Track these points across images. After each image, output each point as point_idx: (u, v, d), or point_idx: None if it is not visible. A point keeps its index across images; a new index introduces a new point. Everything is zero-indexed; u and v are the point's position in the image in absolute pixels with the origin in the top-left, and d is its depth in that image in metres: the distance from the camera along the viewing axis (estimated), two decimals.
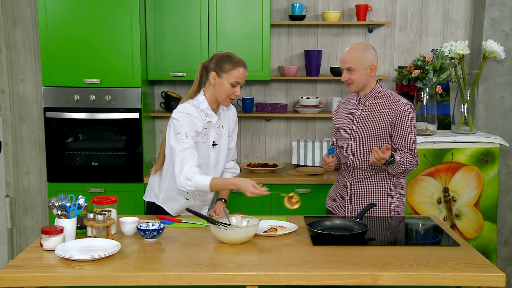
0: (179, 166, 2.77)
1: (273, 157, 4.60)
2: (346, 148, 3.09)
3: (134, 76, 3.94)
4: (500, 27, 4.23)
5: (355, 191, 3.08)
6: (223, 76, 2.85)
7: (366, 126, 3.01)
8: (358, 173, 3.07)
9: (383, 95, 3.03)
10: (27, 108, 4.48)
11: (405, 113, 2.96)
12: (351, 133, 3.06)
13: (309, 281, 2.19)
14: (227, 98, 2.89)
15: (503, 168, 4.32)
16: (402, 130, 2.97)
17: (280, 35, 4.45)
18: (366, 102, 3.05)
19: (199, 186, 2.75)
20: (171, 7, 4.07)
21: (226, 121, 3.03)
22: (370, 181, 3.05)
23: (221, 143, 3.00)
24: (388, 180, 3.04)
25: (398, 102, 2.98)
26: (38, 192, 4.58)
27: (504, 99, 4.31)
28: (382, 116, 2.99)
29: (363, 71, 2.97)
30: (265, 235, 2.62)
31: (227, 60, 2.86)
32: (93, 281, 2.16)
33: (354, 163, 3.05)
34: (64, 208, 2.47)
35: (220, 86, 2.86)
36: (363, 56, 2.95)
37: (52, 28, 3.88)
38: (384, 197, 3.04)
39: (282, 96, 4.53)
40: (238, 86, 2.88)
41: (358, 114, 3.05)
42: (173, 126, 2.84)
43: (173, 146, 2.80)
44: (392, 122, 2.97)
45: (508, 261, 4.42)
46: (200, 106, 2.90)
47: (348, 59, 2.96)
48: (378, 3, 4.42)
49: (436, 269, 2.23)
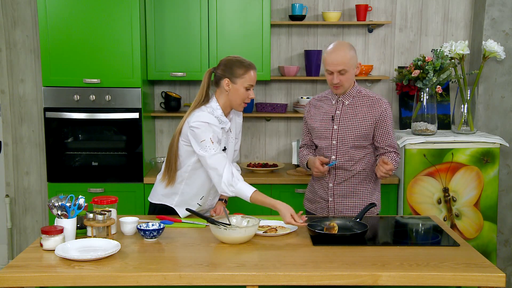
0: (215, 172, 2.75)
1: (273, 157, 4.60)
2: (327, 149, 3.06)
3: (134, 76, 3.94)
4: (500, 27, 4.23)
5: (338, 191, 3.07)
6: (237, 81, 2.84)
7: (349, 126, 3.00)
8: (340, 173, 3.06)
9: (362, 94, 3.04)
10: (27, 108, 4.48)
11: (387, 112, 2.99)
12: (332, 133, 3.04)
13: (309, 281, 2.19)
14: (242, 103, 2.89)
15: (503, 168, 4.32)
16: (385, 129, 2.99)
17: (280, 35, 4.45)
18: (346, 101, 3.03)
19: (241, 193, 2.74)
20: (171, 7, 4.07)
21: (233, 125, 3.03)
22: (353, 180, 3.05)
23: (229, 147, 3.00)
24: (369, 178, 3.07)
25: (380, 101, 3.00)
26: (38, 192, 4.58)
27: (504, 99, 4.31)
28: (367, 115, 2.99)
29: (352, 72, 2.96)
30: (265, 235, 2.62)
31: (238, 65, 2.85)
32: (93, 281, 2.16)
33: (337, 163, 3.05)
34: (64, 208, 2.48)
35: (235, 91, 2.86)
36: (352, 57, 2.94)
37: (52, 28, 3.88)
38: (366, 195, 3.07)
39: (282, 96, 4.53)
40: (252, 88, 2.89)
41: (338, 113, 3.03)
42: (194, 134, 2.79)
43: (201, 154, 2.76)
44: (376, 122, 2.98)
45: (508, 261, 4.42)
46: (214, 113, 2.86)
47: (340, 62, 2.90)
48: (378, 3, 4.42)
49: (436, 269, 2.23)
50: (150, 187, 3.95)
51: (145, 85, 4.10)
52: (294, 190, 4.03)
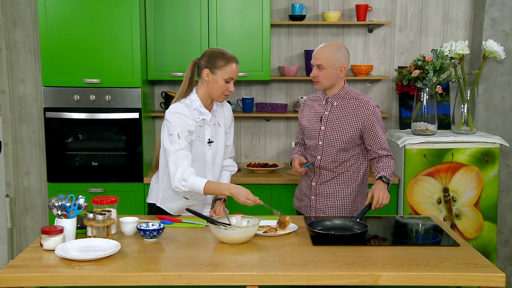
0: (174, 167, 2.77)
1: (273, 157, 4.60)
2: (314, 148, 3.08)
3: (134, 76, 3.94)
4: (500, 27, 4.23)
5: (320, 191, 3.09)
6: (216, 72, 2.84)
7: (335, 127, 3.01)
8: (324, 173, 3.07)
9: (350, 96, 3.03)
10: (27, 108, 4.48)
11: (374, 115, 2.98)
12: (319, 133, 3.05)
13: (309, 281, 2.19)
14: (221, 95, 2.88)
15: (503, 168, 4.32)
16: (373, 132, 2.98)
17: (280, 35, 4.45)
18: (334, 103, 3.04)
19: (194, 187, 2.74)
20: (171, 7, 4.07)
21: (222, 118, 3.02)
22: (335, 181, 3.06)
23: (218, 140, 2.99)
24: (353, 181, 3.06)
25: (367, 104, 2.99)
26: (38, 192, 4.58)
27: (504, 99, 4.31)
28: (351, 117, 2.99)
29: (332, 71, 2.95)
30: (265, 235, 2.62)
31: (220, 57, 2.85)
32: (93, 281, 2.16)
33: (322, 163, 3.05)
34: (64, 208, 2.48)
35: (214, 82, 2.85)
36: (335, 56, 2.94)
37: (52, 28, 3.88)
38: (349, 197, 3.06)
39: (282, 96, 4.53)
40: (232, 82, 2.87)
41: (327, 114, 3.04)
42: (166, 127, 2.84)
43: (167, 147, 2.80)
44: (363, 124, 2.97)
45: (508, 261, 4.42)
46: (192, 104, 2.88)
47: (320, 56, 2.95)
48: (378, 3, 4.42)
49: (436, 269, 2.23)
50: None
51: (145, 85, 4.10)
52: (294, 190, 4.03)
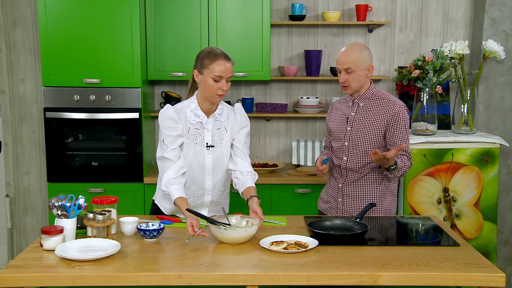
0: (161, 172, 2.86)
1: (273, 157, 4.60)
2: (340, 149, 3.08)
3: (134, 76, 3.94)
4: (500, 27, 4.23)
5: (347, 192, 3.07)
6: (204, 72, 2.74)
7: (361, 128, 3.00)
8: (350, 174, 3.06)
9: (377, 96, 3.02)
10: (27, 108, 4.48)
11: (400, 115, 2.96)
12: (345, 134, 3.05)
13: (309, 281, 2.19)
14: (214, 95, 2.75)
15: (503, 168, 4.32)
16: (396, 131, 2.96)
17: (280, 35, 4.45)
18: (360, 103, 3.04)
19: (170, 195, 2.76)
20: (171, 7, 4.07)
21: (229, 123, 2.91)
22: (362, 182, 3.04)
23: (223, 145, 2.89)
24: (379, 182, 3.04)
25: (393, 103, 2.98)
26: (38, 192, 4.58)
27: (504, 99, 4.31)
28: (377, 117, 2.98)
29: (361, 72, 2.95)
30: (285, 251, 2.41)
31: (206, 55, 2.75)
32: (93, 281, 2.16)
33: (348, 164, 3.04)
34: (64, 208, 2.48)
35: (203, 83, 2.76)
36: (362, 57, 2.94)
37: (52, 28, 3.88)
38: (376, 198, 3.04)
39: (282, 96, 4.53)
40: (222, 80, 2.72)
41: (353, 115, 3.04)
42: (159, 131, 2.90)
43: (157, 151, 2.88)
44: (387, 123, 2.96)
45: (508, 261, 4.42)
46: (189, 106, 2.84)
47: (346, 60, 2.92)
48: (378, 3, 4.42)
49: (436, 269, 2.23)
50: (150, 187, 3.97)
51: (145, 85, 4.10)
52: (294, 190, 4.03)
